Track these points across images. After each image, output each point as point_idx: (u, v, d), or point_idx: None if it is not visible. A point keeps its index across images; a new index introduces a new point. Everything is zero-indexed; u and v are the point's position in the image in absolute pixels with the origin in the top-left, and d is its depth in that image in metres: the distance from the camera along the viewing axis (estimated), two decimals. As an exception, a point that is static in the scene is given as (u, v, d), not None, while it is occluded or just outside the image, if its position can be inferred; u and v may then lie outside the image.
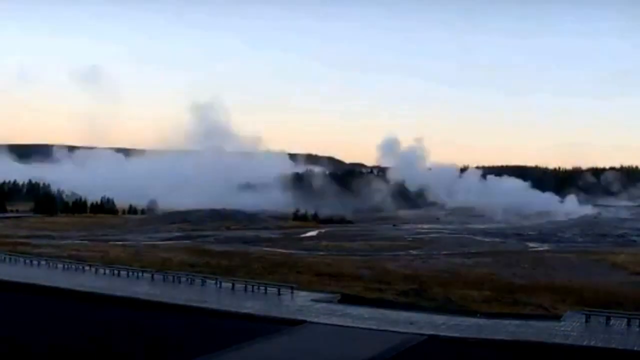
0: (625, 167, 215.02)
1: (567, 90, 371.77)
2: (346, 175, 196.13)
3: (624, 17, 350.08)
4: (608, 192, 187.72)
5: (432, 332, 22.36)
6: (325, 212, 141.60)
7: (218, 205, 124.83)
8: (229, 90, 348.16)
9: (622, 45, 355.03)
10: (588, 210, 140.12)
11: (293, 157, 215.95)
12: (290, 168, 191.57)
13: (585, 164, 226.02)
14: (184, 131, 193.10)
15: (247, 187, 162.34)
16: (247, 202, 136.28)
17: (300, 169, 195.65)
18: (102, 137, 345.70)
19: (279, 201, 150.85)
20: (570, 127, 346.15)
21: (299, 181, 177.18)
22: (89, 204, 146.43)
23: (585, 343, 21.04)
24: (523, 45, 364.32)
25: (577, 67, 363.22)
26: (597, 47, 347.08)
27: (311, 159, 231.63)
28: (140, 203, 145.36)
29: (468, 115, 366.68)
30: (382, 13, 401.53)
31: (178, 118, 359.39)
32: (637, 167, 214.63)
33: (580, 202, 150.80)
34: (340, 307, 27.93)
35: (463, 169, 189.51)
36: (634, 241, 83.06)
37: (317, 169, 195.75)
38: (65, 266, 39.58)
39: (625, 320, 23.94)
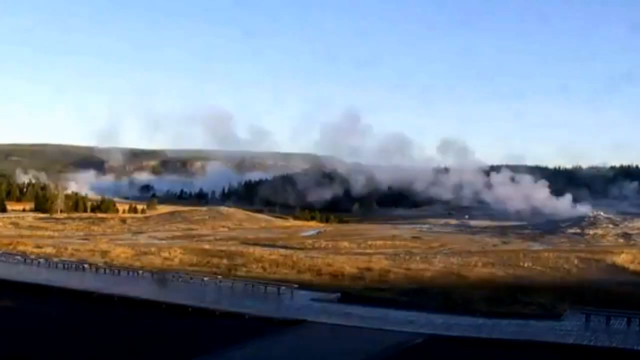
0: (625, 167, 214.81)
1: (568, 89, 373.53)
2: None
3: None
4: (608, 192, 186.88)
5: (431, 332, 22.37)
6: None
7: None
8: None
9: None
10: (587, 209, 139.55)
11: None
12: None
13: (586, 163, 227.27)
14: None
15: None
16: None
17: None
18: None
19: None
20: (571, 126, 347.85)
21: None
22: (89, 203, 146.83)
23: (585, 342, 21.03)
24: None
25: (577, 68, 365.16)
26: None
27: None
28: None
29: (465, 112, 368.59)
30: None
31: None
32: (637, 167, 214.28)
33: (580, 201, 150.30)
34: (340, 307, 27.96)
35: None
36: (634, 241, 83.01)
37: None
38: (65, 266, 39.63)
39: (625, 319, 23.93)
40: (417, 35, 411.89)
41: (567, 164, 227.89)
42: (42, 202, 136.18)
